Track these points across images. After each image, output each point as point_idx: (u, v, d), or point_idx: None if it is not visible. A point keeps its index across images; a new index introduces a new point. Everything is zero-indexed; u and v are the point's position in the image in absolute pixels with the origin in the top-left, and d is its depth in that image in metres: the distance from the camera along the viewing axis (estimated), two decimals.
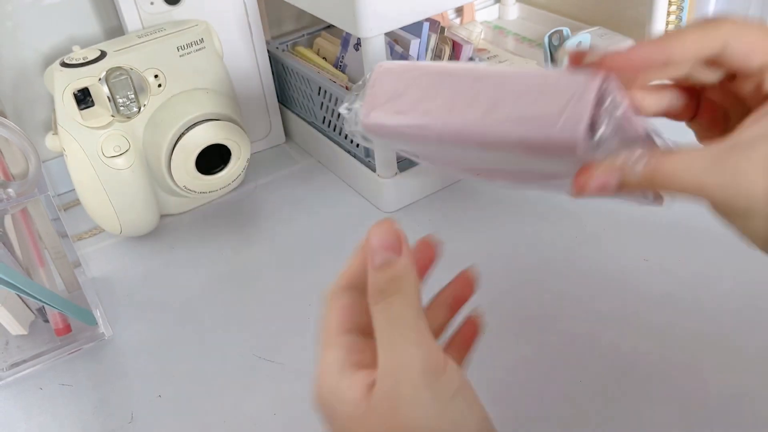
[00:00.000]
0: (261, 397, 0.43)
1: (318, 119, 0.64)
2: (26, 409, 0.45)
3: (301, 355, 0.46)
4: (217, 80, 0.58)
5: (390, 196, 0.57)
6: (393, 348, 0.25)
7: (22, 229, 0.47)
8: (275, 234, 0.58)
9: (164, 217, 0.61)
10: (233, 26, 0.62)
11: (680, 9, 0.71)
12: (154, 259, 0.57)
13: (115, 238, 0.59)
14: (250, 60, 0.64)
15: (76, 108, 0.52)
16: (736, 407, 0.39)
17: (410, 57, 0.54)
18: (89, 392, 0.45)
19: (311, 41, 0.68)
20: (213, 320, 0.50)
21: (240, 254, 0.56)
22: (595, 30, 0.71)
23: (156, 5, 0.57)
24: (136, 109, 0.54)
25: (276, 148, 0.70)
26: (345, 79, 0.58)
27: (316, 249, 0.55)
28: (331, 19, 0.52)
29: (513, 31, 0.81)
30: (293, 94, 0.67)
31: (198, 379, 0.45)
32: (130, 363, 0.47)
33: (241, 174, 0.59)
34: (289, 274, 0.53)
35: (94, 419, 0.43)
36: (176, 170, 0.54)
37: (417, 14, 0.50)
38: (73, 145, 0.52)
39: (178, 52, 0.55)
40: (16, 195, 0.43)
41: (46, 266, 0.48)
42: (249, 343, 0.47)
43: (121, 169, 0.54)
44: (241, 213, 0.61)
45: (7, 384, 0.47)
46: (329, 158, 0.64)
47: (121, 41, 0.54)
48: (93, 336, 0.49)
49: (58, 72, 0.51)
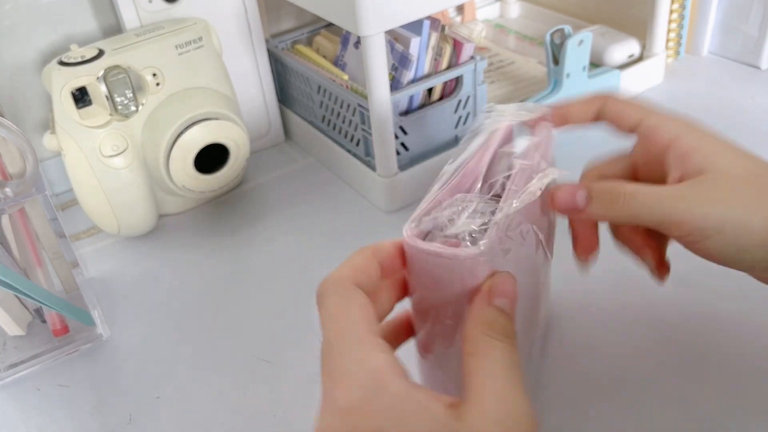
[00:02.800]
0: (260, 398, 0.43)
1: (318, 118, 0.64)
2: (24, 410, 0.44)
3: (301, 356, 0.45)
4: (216, 79, 0.57)
5: (390, 196, 0.57)
6: (504, 393, 0.25)
7: (20, 229, 0.46)
8: (274, 234, 0.57)
9: (163, 217, 0.61)
10: (232, 24, 0.62)
11: (683, 7, 0.71)
12: (153, 260, 0.56)
13: (113, 238, 0.59)
14: (249, 58, 0.64)
15: (74, 107, 0.51)
16: (738, 407, 0.38)
17: (410, 55, 0.54)
18: (87, 393, 0.45)
19: (311, 39, 0.67)
20: (212, 321, 0.50)
21: (239, 254, 0.56)
22: (597, 28, 0.71)
23: (154, 3, 0.57)
24: (134, 108, 0.53)
25: (275, 147, 0.69)
26: (345, 77, 0.58)
27: (315, 249, 0.55)
28: (331, 17, 0.52)
29: (514, 30, 0.81)
30: (293, 92, 0.67)
31: (196, 380, 0.45)
32: (128, 364, 0.47)
33: (240, 173, 0.59)
34: (289, 274, 0.53)
35: (92, 420, 0.43)
36: (175, 170, 0.54)
37: (417, 12, 0.50)
38: (71, 145, 0.52)
39: (177, 51, 0.54)
40: (13, 195, 0.43)
41: (43, 266, 0.48)
42: (248, 344, 0.47)
43: (120, 169, 0.54)
44: (240, 213, 0.60)
45: (4, 385, 0.46)
46: (329, 157, 0.64)
47: (119, 40, 0.54)
48: (91, 336, 0.48)
49: (56, 71, 0.51)
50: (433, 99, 0.58)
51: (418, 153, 0.58)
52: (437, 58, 0.56)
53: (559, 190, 0.32)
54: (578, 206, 0.32)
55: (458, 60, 0.57)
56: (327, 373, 0.26)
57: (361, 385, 0.24)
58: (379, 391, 0.24)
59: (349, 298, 0.27)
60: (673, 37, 0.73)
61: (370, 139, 0.56)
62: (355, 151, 0.60)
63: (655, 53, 0.69)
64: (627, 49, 0.68)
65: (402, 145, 0.57)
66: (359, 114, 0.56)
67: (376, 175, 0.56)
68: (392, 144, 0.55)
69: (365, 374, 0.25)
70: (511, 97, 0.68)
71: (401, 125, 0.56)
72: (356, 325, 0.26)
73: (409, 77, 0.55)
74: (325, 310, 0.27)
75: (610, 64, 0.68)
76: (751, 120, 0.63)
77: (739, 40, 0.71)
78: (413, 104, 0.57)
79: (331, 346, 0.26)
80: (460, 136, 0.60)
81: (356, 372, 0.25)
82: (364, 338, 0.26)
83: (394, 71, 0.56)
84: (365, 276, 0.28)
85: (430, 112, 0.57)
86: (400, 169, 0.56)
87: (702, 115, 0.71)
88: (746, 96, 0.67)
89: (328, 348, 0.26)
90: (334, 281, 0.28)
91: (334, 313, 0.27)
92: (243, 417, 0.42)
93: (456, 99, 0.58)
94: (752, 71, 0.70)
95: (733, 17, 0.71)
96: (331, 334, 0.26)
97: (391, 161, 0.55)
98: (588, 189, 0.32)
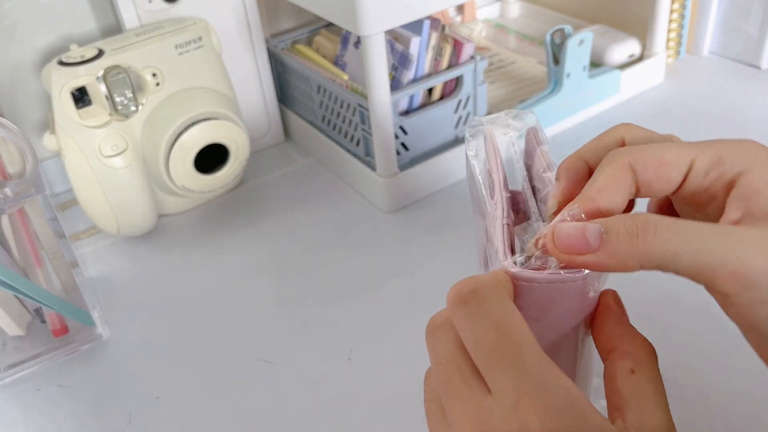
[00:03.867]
0: (260, 398, 0.43)
1: (317, 118, 0.64)
2: (23, 411, 0.44)
3: (300, 356, 0.45)
4: (216, 79, 0.57)
5: (390, 196, 0.57)
6: (655, 413, 0.25)
7: (20, 229, 0.46)
8: (274, 234, 0.57)
9: (162, 217, 0.61)
10: (232, 24, 0.61)
11: (683, 6, 0.71)
12: (152, 260, 0.56)
13: (113, 238, 0.59)
14: (249, 58, 0.64)
15: (74, 107, 0.51)
16: (737, 407, 0.38)
17: (410, 55, 0.54)
18: (87, 393, 0.45)
19: (311, 39, 0.67)
20: (211, 321, 0.49)
21: (239, 254, 0.56)
22: (597, 28, 0.70)
23: (154, 3, 0.57)
24: (134, 108, 0.53)
25: (275, 147, 0.69)
26: (345, 77, 0.58)
27: (315, 249, 0.55)
28: (331, 17, 0.52)
29: (514, 30, 0.81)
30: (293, 92, 0.67)
31: (196, 380, 0.45)
32: (128, 364, 0.47)
33: (240, 173, 0.59)
34: (289, 274, 0.53)
35: (91, 420, 0.43)
36: (174, 170, 0.54)
37: (418, 12, 0.50)
38: (71, 145, 0.52)
39: (177, 51, 0.54)
40: (13, 195, 0.43)
41: (43, 266, 0.47)
42: (247, 345, 0.47)
43: (119, 169, 0.54)
44: (239, 213, 0.60)
45: (4, 385, 0.46)
46: (329, 157, 0.64)
47: (119, 39, 0.54)
48: (90, 337, 0.48)
49: (56, 71, 0.51)
50: (433, 99, 0.58)
51: (418, 153, 0.58)
52: (437, 58, 0.56)
53: (561, 230, 0.25)
54: (590, 248, 0.25)
55: (458, 60, 0.57)
56: (507, 379, 0.22)
57: (567, 409, 0.22)
58: (585, 422, 0.22)
59: (512, 306, 0.24)
60: (674, 37, 0.73)
61: (370, 139, 0.56)
62: (355, 151, 0.60)
63: (655, 53, 0.69)
64: (627, 49, 0.68)
65: (402, 145, 0.57)
66: (359, 114, 0.56)
67: (376, 175, 0.56)
68: (392, 144, 0.54)
69: (570, 400, 0.22)
70: (511, 97, 0.68)
71: (401, 125, 0.56)
72: (532, 340, 0.23)
73: (409, 77, 0.55)
74: (485, 309, 0.24)
75: (611, 64, 0.68)
76: (751, 120, 0.63)
77: (740, 40, 0.71)
78: (413, 104, 0.57)
79: (504, 353, 0.23)
80: (460, 136, 0.60)
81: (561, 397, 0.22)
82: (545, 358, 0.23)
83: (394, 71, 0.55)
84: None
85: (430, 112, 0.57)
86: (400, 169, 0.56)
87: (702, 115, 0.71)
88: (746, 96, 0.67)
89: (499, 354, 0.23)
90: (493, 284, 0.24)
91: (500, 319, 0.23)
92: (243, 417, 0.42)
93: (456, 99, 0.58)
94: (752, 71, 0.70)
95: (733, 17, 0.71)
96: (503, 340, 0.23)
97: (391, 161, 0.55)
98: (602, 223, 0.25)
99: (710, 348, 0.42)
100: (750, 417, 0.38)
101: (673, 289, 0.46)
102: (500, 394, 0.22)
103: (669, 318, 0.44)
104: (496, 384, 0.22)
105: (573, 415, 0.21)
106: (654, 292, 0.46)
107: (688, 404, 0.39)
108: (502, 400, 0.22)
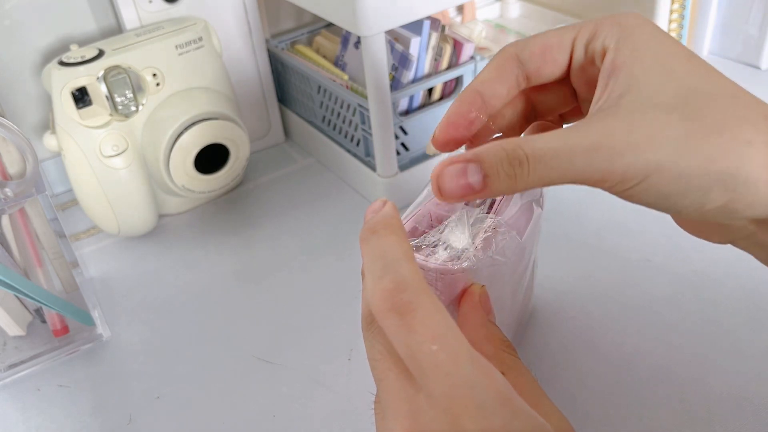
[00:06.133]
0: (260, 398, 0.43)
1: (318, 118, 0.64)
2: (24, 411, 0.44)
3: (301, 356, 0.45)
4: (216, 79, 0.57)
5: (390, 196, 0.57)
6: (552, 408, 0.26)
7: (20, 230, 0.46)
8: (274, 234, 0.57)
9: (163, 217, 0.61)
10: (232, 24, 0.62)
11: (683, 7, 0.71)
12: (153, 260, 0.56)
13: (113, 239, 0.59)
14: (249, 58, 0.64)
15: (74, 107, 0.51)
16: (738, 408, 0.38)
17: (410, 55, 0.54)
18: (87, 393, 0.45)
19: (311, 39, 0.67)
20: (212, 321, 0.50)
21: (239, 254, 0.56)
22: None
23: (154, 3, 0.57)
24: (134, 108, 0.53)
25: (275, 147, 0.69)
26: (345, 77, 0.58)
27: (315, 249, 0.55)
28: (331, 17, 0.52)
29: (514, 30, 0.81)
30: (293, 92, 0.67)
31: (197, 380, 0.45)
32: (129, 364, 0.47)
33: (240, 173, 0.59)
34: (289, 274, 0.53)
35: (92, 420, 0.43)
36: (175, 170, 0.54)
37: (418, 12, 0.50)
38: (71, 145, 0.52)
39: (177, 51, 0.54)
40: (13, 195, 0.43)
41: (43, 267, 0.47)
42: (248, 344, 0.47)
43: (120, 169, 0.54)
44: (240, 213, 0.60)
45: (4, 385, 0.46)
46: (329, 157, 0.64)
47: (119, 40, 0.54)
48: (91, 337, 0.48)
49: (56, 71, 0.51)
50: (433, 99, 0.58)
51: (418, 153, 0.58)
52: (437, 58, 0.56)
53: (444, 175, 0.26)
54: (474, 189, 0.25)
55: (458, 60, 0.57)
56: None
57: (498, 407, 0.22)
58: (516, 418, 0.22)
59: (443, 310, 0.24)
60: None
61: (370, 139, 0.56)
62: (355, 151, 0.60)
63: None
64: None
65: (402, 145, 0.57)
66: (359, 114, 0.56)
67: (376, 175, 0.56)
68: (392, 144, 0.55)
69: (501, 398, 0.22)
70: None
71: (401, 125, 0.56)
72: (464, 343, 0.23)
73: (409, 77, 0.55)
74: (420, 320, 0.23)
75: None
76: None
77: (740, 40, 0.71)
78: (413, 104, 0.57)
79: (439, 364, 0.22)
80: None
81: (491, 395, 0.22)
82: (477, 356, 0.23)
83: (394, 71, 0.56)
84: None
85: (430, 112, 0.57)
86: (400, 169, 0.56)
87: None
88: None
89: (434, 365, 0.22)
90: (421, 287, 0.24)
91: (435, 330, 0.23)
92: (243, 417, 0.42)
93: None
94: (752, 71, 0.70)
95: (733, 17, 0.71)
96: (440, 353, 0.22)
97: (391, 161, 0.55)
98: (479, 161, 0.25)
99: (710, 348, 0.42)
100: (750, 417, 0.38)
101: (673, 289, 0.46)
102: (432, 395, 0.22)
103: (669, 318, 0.44)
104: (428, 388, 0.22)
105: (504, 412, 0.21)
106: (654, 292, 0.46)
107: (687, 404, 0.39)
108: (434, 399, 0.22)
